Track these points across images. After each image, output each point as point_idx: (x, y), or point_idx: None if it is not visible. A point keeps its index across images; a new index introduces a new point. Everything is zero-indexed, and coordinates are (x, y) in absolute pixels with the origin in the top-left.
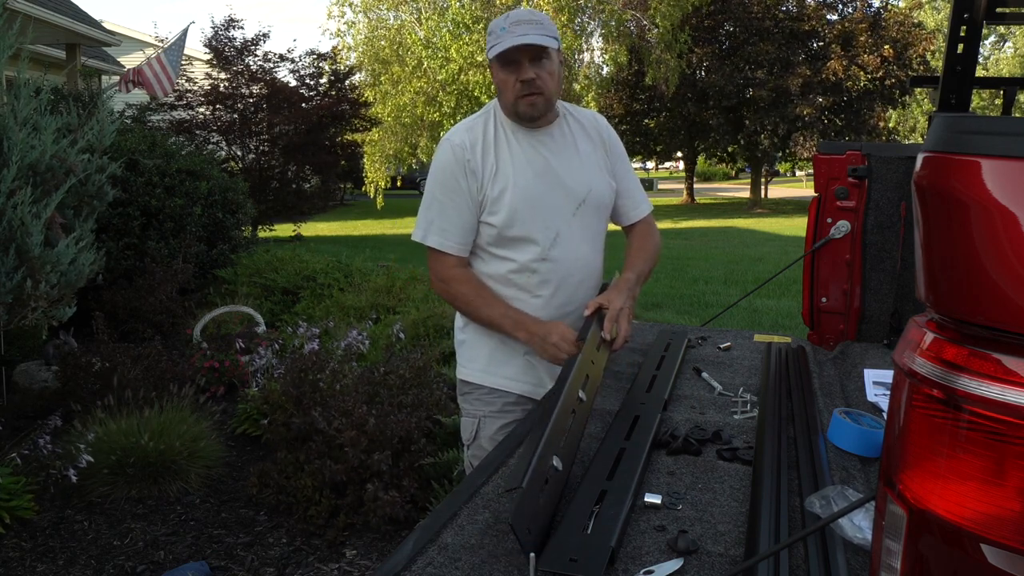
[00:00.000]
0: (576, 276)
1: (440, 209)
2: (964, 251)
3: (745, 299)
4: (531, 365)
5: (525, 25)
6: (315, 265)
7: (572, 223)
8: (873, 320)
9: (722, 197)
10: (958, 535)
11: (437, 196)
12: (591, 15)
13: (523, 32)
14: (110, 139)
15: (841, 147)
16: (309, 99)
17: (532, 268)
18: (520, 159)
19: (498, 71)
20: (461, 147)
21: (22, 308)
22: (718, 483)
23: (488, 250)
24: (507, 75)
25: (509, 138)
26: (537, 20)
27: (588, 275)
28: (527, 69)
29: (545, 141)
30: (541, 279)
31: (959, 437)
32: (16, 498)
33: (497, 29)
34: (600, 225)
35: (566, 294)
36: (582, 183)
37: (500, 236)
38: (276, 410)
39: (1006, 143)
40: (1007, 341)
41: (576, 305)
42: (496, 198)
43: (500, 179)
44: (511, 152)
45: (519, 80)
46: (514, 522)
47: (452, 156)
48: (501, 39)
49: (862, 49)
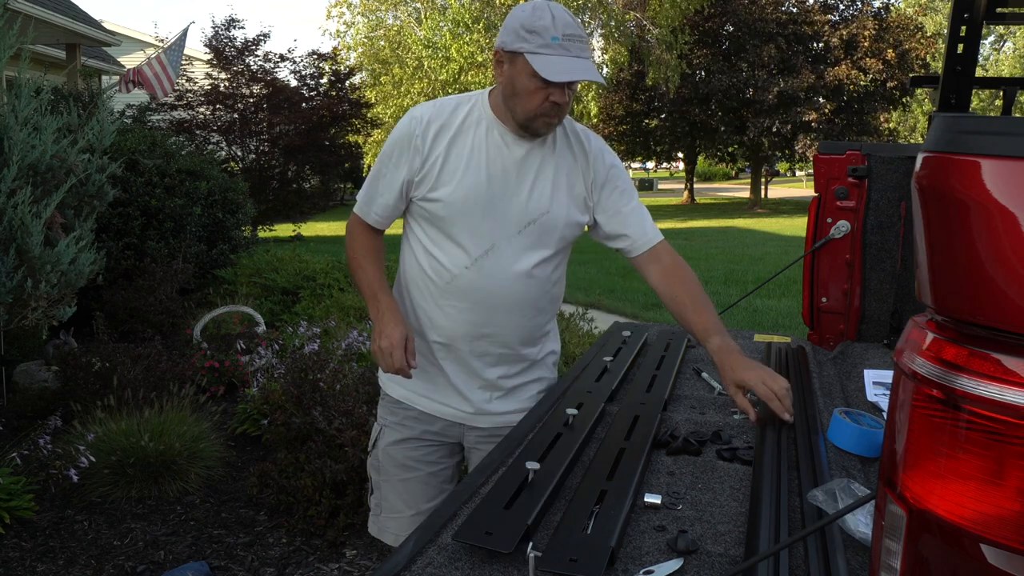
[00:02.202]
0: (502, 301)
1: (375, 178)
2: (964, 251)
3: (745, 299)
4: (438, 385)
5: (579, 44)
6: (315, 265)
7: (514, 241)
8: (873, 320)
9: (722, 197)
10: (958, 535)
11: (379, 164)
12: (592, 15)
13: (578, 54)
14: (110, 139)
15: (841, 147)
16: (309, 99)
17: (453, 273)
18: (480, 155)
19: (527, 78)
20: (418, 120)
21: (22, 308)
22: (718, 483)
23: (421, 240)
24: (538, 88)
25: (480, 130)
26: (584, 37)
27: (519, 306)
28: (564, 93)
29: (521, 145)
30: (459, 289)
31: (959, 437)
32: (16, 498)
33: (543, 32)
34: (552, 254)
35: (482, 315)
36: (539, 202)
37: (434, 227)
38: (276, 410)
39: (1006, 143)
40: (1007, 341)
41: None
42: (436, 185)
43: (448, 168)
44: (473, 145)
45: (551, 100)
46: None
47: (407, 129)
48: (553, 51)
49: (866, 53)
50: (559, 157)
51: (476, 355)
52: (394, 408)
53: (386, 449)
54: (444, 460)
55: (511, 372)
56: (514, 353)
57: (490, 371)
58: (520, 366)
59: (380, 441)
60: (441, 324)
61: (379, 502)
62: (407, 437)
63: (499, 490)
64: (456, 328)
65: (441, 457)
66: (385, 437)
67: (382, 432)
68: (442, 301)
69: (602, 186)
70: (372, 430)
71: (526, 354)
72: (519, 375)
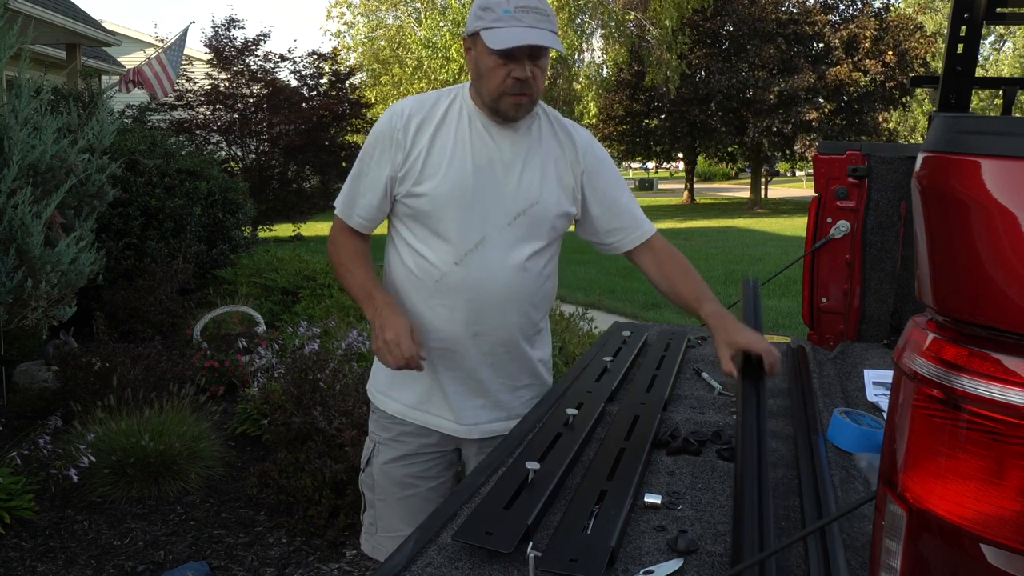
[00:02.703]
0: (495, 296)
1: (356, 177)
2: (964, 251)
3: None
4: (432, 396)
5: (533, 15)
6: (315, 265)
7: (505, 233)
8: (873, 320)
9: (722, 197)
10: (958, 535)
11: (359, 163)
12: (592, 15)
13: (532, 24)
14: (110, 139)
15: (841, 147)
16: (309, 99)
17: (442, 271)
18: (464, 146)
19: (486, 56)
20: (399, 115)
21: (22, 308)
22: (718, 483)
23: (406, 239)
24: (498, 65)
25: (462, 121)
26: (543, 10)
27: (513, 300)
28: (524, 66)
29: (506, 135)
30: (449, 287)
31: (959, 437)
32: (16, 498)
33: (496, 7)
34: (543, 246)
35: (475, 313)
36: (529, 191)
37: (420, 224)
38: (276, 410)
39: (1006, 143)
40: (1007, 341)
41: (489, 331)
42: (420, 179)
43: (432, 161)
44: (456, 136)
45: (513, 76)
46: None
47: (387, 124)
48: (504, 23)
49: (866, 54)
50: (546, 147)
51: (471, 356)
52: (388, 424)
53: (382, 468)
54: (443, 473)
55: (507, 373)
56: (509, 352)
57: (487, 372)
58: (516, 366)
59: (375, 459)
60: (433, 327)
61: (374, 520)
62: (404, 454)
63: (499, 490)
64: (449, 329)
65: (441, 471)
66: (380, 455)
67: (376, 449)
68: (432, 301)
69: (594, 178)
70: (364, 446)
71: (522, 353)
72: (515, 377)
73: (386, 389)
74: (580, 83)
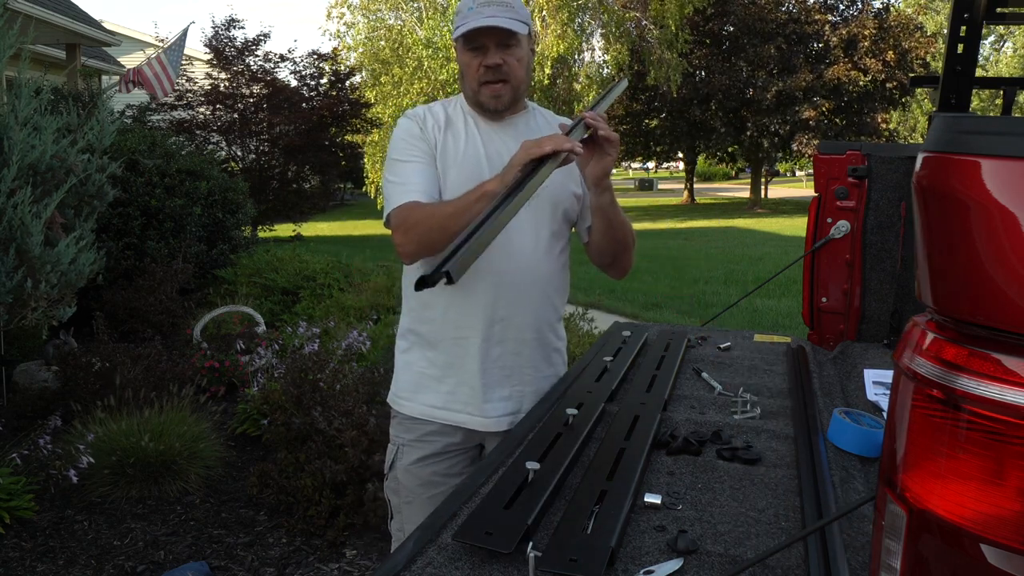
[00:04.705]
0: (516, 279)
1: (399, 171)
2: (964, 251)
3: (745, 299)
4: (457, 393)
5: (495, 7)
6: (315, 265)
7: (521, 217)
8: (873, 320)
9: (722, 197)
10: (958, 535)
11: (396, 161)
12: (592, 15)
13: (491, 14)
14: (110, 139)
15: (841, 147)
16: (310, 99)
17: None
18: (474, 140)
19: (461, 53)
20: (415, 116)
21: (22, 308)
22: (718, 483)
23: None
24: (471, 58)
25: (468, 121)
26: (507, 2)
27: (536, 280)
28: (493, 54)
29: (507, 130)
30: (471, 272)
31: (959, 437)
32: (16, 498)
33: (464, 8)
34: (557, 227)
35: (496, 296)
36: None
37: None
38: (276, 410)
39: (1006, 143)
40: (1007, 341)
41: (513, 316)
42: (442, 169)
43: (448, 156)
44: (466, 132)
45: (483, 65)
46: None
47: (408, 124)
48: (467, 19)
49: (866, 53)
50: (542, 132)
51: (494, 344)
52: (412, 425)
53: (407, 469)
54: (467, 470)
55: (531, 362)
56: (532, 339)
57: (510, 359)
58: (539, 354)
59: (398, 462)
60: (454, 316)
61: (401, 526)
62: (429, 454)
63: (499, 490)
64: (470, 317)
65: (464, 467)
66: (404, 457)
67: (400, 452)
68: (455, 289)
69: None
70: (387, 452)
71: (544, 341)
72: (538, 367)
73: (409, 394)
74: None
